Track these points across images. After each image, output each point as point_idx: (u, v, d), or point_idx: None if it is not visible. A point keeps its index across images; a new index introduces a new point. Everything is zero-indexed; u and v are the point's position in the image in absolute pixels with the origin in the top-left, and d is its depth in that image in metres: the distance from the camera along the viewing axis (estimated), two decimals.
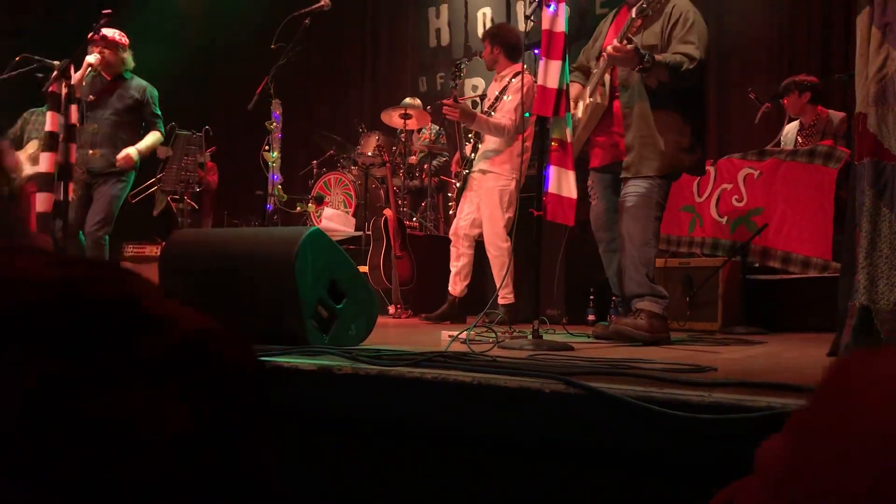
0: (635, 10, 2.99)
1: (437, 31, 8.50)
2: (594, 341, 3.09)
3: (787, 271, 4.35)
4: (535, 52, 3.23)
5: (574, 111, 3.28)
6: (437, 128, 6.67)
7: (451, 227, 4.76)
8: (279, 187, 4.35)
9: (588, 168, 3.48)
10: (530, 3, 3.01)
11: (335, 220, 6.26)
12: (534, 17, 2.97)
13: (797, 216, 4.32)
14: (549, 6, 2.78)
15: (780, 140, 5.31)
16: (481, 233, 4.54)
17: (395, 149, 6.33)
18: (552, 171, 2.86)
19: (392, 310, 5.13)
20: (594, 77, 3.27)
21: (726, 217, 4.63)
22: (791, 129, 5.31)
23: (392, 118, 6.13)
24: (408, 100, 6.71)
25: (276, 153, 4.25)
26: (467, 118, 4.44)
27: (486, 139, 4.57)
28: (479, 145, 4.61)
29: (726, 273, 4.36)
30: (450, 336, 2.68)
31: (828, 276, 4.07)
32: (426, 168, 6.28)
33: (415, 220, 6.09)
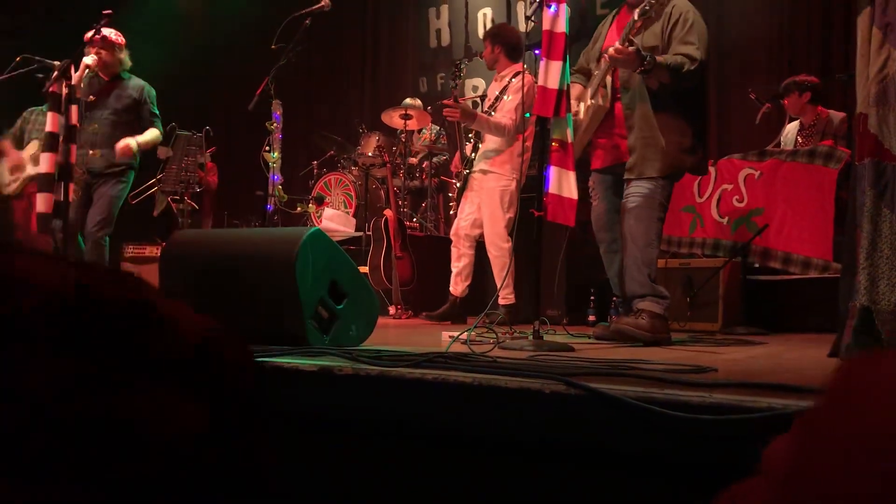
0: (637, 12, 2.98)
1: (438, 31, 8.51)
2: (595, 342, 3.09)
3: (787, 272, 4.35)
4: (536, 52, 3.23)
5: (575, 111, 3.28)
6: (438, 128, 6.67)
7: (452, 228, 4.76)
8: (279, 188, 4.35)
9: (589, 169, 3.48)
10: (531, 4, 3.01)
11: (335, 220, 6.26)
12: (534, 18, 2.97)
13: (798, 217, 4.32)
14: (549, 7, 2.78)
15: (780, 141, 5.31)
16: (482, 233, 4.54)
17: (395, 149, 6.34)
18: (553, 171, 2.86)
19: (392, 310, 5.13)
20: (595, 79, 3.26)
21: (727, 217, 4.63)
22: (791, 129, 5.31)
23: (392, 119, 6.13)
24: (408, 100, 6.71)
25: (276, 153, 4.25)
26: (468, 118, 4.44)
27: (487, 139, 4.57)
28: (480, 145, 4.61)
29: (727, 274, 4.36)
30: (450, 337, 2.68)
31: (828, 276, 4.07)
32: (426, 168, 6.28)
33: (415, 220, 6.09)
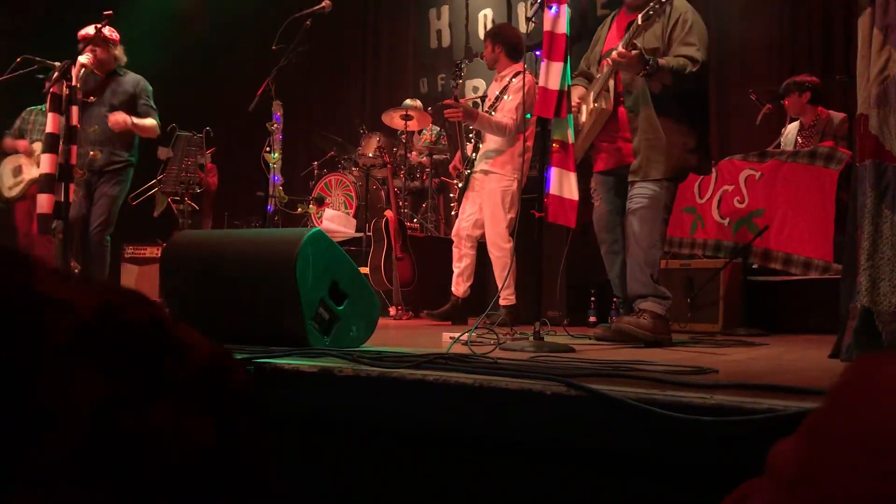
0: (641, 16, 2.97)
1: (438, 32, 8.50)
2: (595, 343, 3.09)
3: (788, 273, 4.35)
4: (537, 53, 3.23)
5: (577, 115, 3.28)
6: (438, 129, 6.67)
7: (454, 228, 4.76)
8: (280, 188, 4.34)
9: (590, 171, 3.48)
10: (532, 5, 3.01)
11: (336, 221, 6.26)
12: (535, 19, 2.97)
13: (798, 218, 4.31)
14: (550, 8, 2.78)
15: (780, 141, 5.31)
16: (483, 233, 4.54)
17: (395, 150, 6.33)
18: (553, 172, 2.86)
19: (393, 311, 5.13)
20: (598, 82, 3.26)
21: (728, 218, 4.63)
22: (791, 129, 5.31)
23: (393, 119, 6.13)
24: (408, 101, 6.71)
25: (276, 154, 4.25)
26: (469, 117, 4.45)
27: (487, 139, 4.57)
28: (480, 145, 4.61)
29: (727, 275, 4.36)
30: (451, 338, 2.68)
31: (829, 277, 4.07)
32: (426, 162, 6.28)
33: (416, 221, 6.09)
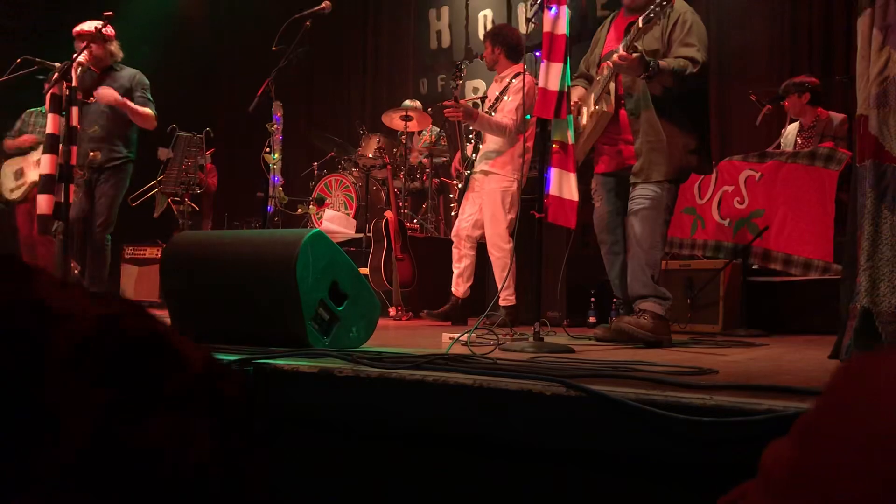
0: (641, 18, 2.97)
1: (438, 33, 8.51)
2: (595, 343, 3.09)
3: (788, 273, 4.35)
4: (537, 54, 3.23)
5: (577, 117, 3.28)
6: (438, 129, 6.67)
7: (453, 229, 4.76)
8: (280, 189, 4.35)
9: (590, 172, 3.49)
10: (531, 6, 3.01)
11: (336, 221, 6.26)
12: (535, 20, 2.97)
13: (798, 218, 4.31)
14: (550, 8, 2.79)
15: (780, 142, 5.31)
16: (483, 234, 4.54)
17: (395, 150, 6.34)
18: (553, 173, 2.86)
19: (393, 312, 5.14)
20: (598, 85, 3.26)
21: (728, 219, 4.63)
22: (791, 130, 5.31)
23: (393, 120, 6.14)
24: (407, 102, 6.71)
25: (276, 155, 4.25)
26: (469, 117, 4.45)
27: (487, 140, 4.57)
28: (480, 146, 4.61)
29: (727, 275, 4.36)
30: (451, 338, 2.68)
31: (829, 278, 4.07)
32: (426, 163, 6.28)
33: (415, 221, 6.09)
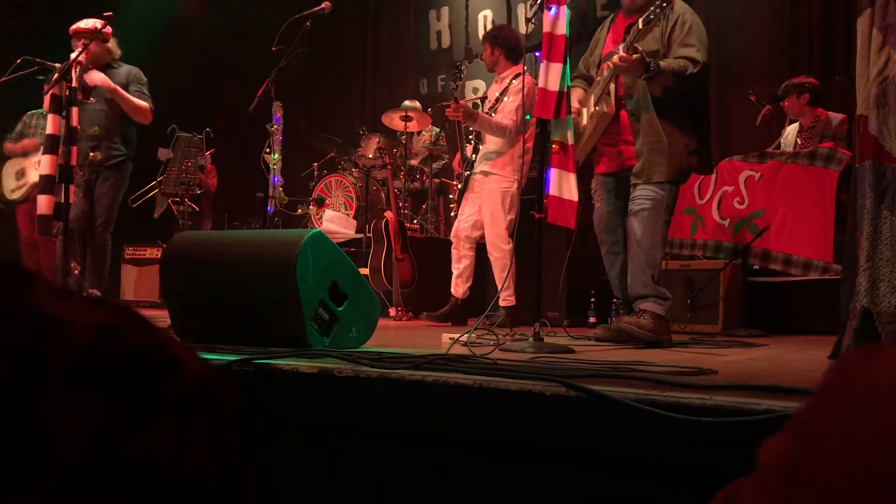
0: (641, 20, 2.97)
1: (438, 33, 8.51)
2: (595, 343, 3.09)
3: (788, 273, 4.35)
4: (537, 54, 3.23)
5: (577, 119, 3.28)
6: (437, 130, 6.67)
7: (453, 230, 4.76)
8: (280, 189, 4.34)
9: (590, 172, 3.49)
10: (531, 6, 3.01)
11: (336, 222, 6.26)
12: (535, 20, 2.98)
13: (798, 218, 4.32)
14: (549, 9, 2.79)
15: (780, 143, 5.31)
16: (482, 234, 4.54)
17: (395, 151, 6.34)
18: (553, 173, 2.86)
19: (393, 312, 5.13)
20: (599, 86, 3.26)
21: (728, 219, 4.63)
22: (791, 130, 5.31)
23: (393, 120, 6.14)
24: (407, 102, 6.71)
25: (276, 155, 4.24)
26: (469, 118, 4.45)
27: (487, 141, 4.57)
28: (480, 147, 4.61)
29: (727, 275, 4.36)
30: (451, 339, 2.68)
31: (829, 278, 4.07)
32: (426, 170, 6.28)
33: (415, 222, 6.09)
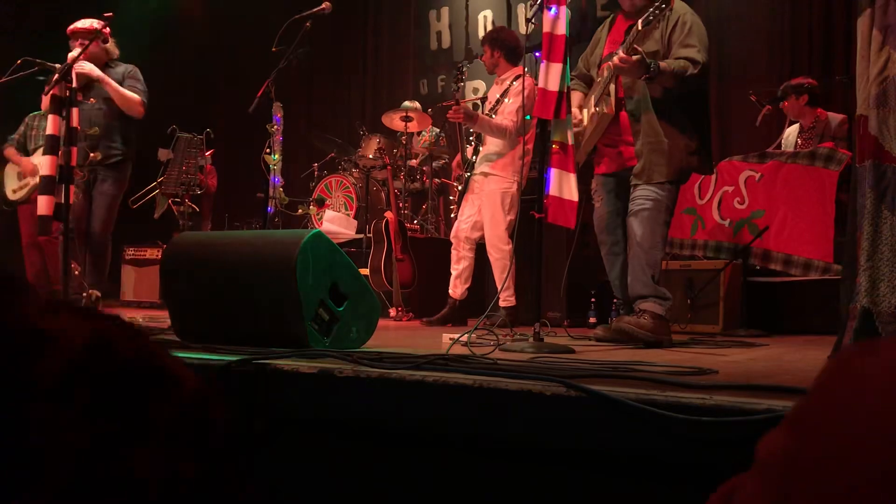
0: (641, 21, 2.97)
1: (438, 33, 8.51)
2: (595, 343, 3.09)
3: (788, 274, 4.35)
4: (536, 54, 3.23)
5: (578, 119, 3.28)
6: (437, 130, 6.67)
7: (452, 230, 4.76)
8: (280, 190, 4.34)
9: (590, 172, 3.49)
10: (531, 6, 3.01)
11: (336, 222, 6.25)
12: (535, 20, 2.98)
13: (798, 218, 4.32)
14: (549, 9, 2.79)
15: (780, 143, 5.31)
16: (482, 235, 4.53)
17: (395, 151, 6.34)
18: (553, 173, 2.86)
19: (393, 312, 5.13)
20: (599, 87, 3.26)
21: (728, 220, 4.63)
22: (791, 131, 5.32)
23: (393, 121, 6.14)
24: (407, 102, 6.71)
25: (276, 156, 4.24)
26: (470, 119, 4.45)
27: (487, 142, 4.57)
28: (480, 148, 4.61)
29: (727, 275, 4.36)
30: (451, 339, 2.68)
31: (829, 278, 4.07)
32: (426, 171, 6.28)
33: (416, 222, 6.08)
